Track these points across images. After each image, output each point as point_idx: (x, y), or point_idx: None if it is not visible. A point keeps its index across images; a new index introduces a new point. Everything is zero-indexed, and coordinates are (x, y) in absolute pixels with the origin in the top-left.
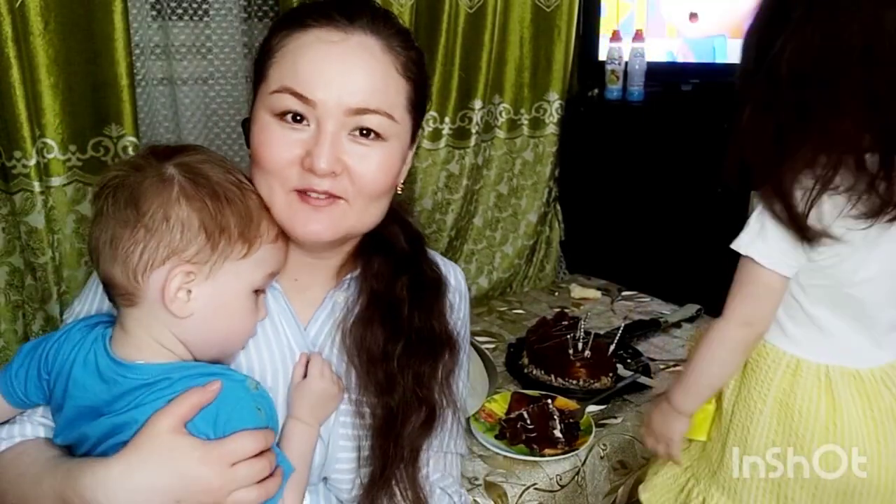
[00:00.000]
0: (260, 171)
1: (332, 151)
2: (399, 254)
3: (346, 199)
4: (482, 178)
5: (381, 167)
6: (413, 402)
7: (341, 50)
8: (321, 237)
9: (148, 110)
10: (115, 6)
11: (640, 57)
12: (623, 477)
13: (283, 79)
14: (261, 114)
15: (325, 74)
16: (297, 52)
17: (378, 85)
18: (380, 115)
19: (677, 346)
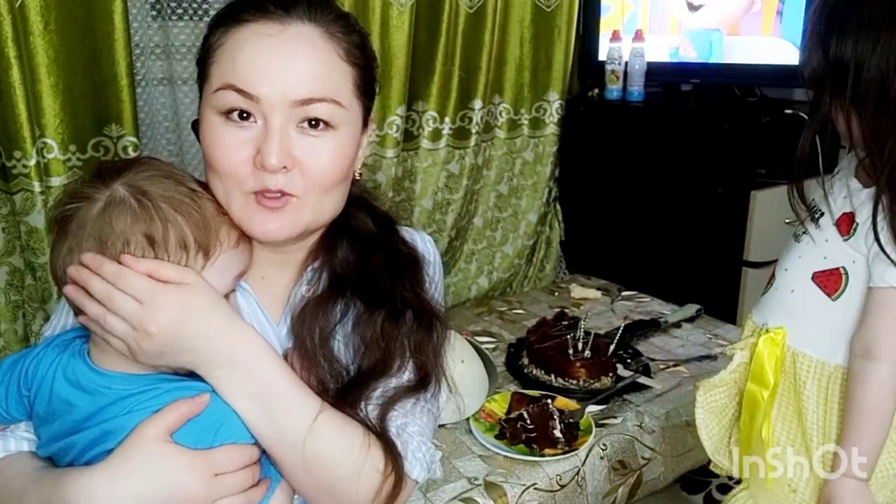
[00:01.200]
0: (214, 174)
1: (282, 146)
2: (367, 238)
3: (298, 196)
4: (482, 178)
5: (332, 158)
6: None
7: (279, 42)
8: (279, 236)
9: (148, 110)
10: (115, 6)
11: (640, 57)
12: (623, 477)
13: (224, 76)
14: (207, 114)
15: (266, 68)
16: (235, 48)
17: (321, 73)
18: (326, 102)
19: (677, 346)
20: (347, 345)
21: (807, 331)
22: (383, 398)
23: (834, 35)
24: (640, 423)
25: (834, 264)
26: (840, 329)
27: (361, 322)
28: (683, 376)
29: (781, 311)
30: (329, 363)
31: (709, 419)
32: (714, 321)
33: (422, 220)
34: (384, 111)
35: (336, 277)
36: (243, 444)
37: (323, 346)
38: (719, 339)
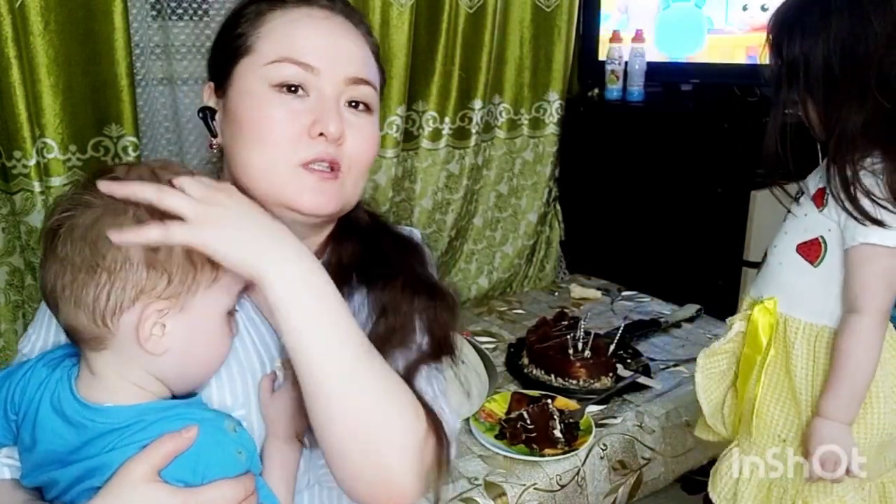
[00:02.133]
0: (256, 147)
1: (339, 115)
2: (364, 227)
3: (343, 172)
4: (482, 178)
5: (371, 139)
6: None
7: (332, 24)
8: (325, 209)
9: (148, 110)
10: (115, 6)
11: (640, 57)
12: (623, 477)
13: (280, 50)
14: (253, 87)
15: (323, 44)
16: (290, 25)
17: (366, 59)
18: (370, 86)
19: (677, 346)
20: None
21: (795, 297)
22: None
23: (784, 39)
24: (640, 423)
25: (813, 234)
26: (824, 292)
27: (375, 293)
28: (683, 376)
29: (772, 282)
30: None
31: (708, 384)
32: (714, 321)
33: (422, 220)
34: (384, 111)
35: (341, 266)
36: (237, 478)
37: None
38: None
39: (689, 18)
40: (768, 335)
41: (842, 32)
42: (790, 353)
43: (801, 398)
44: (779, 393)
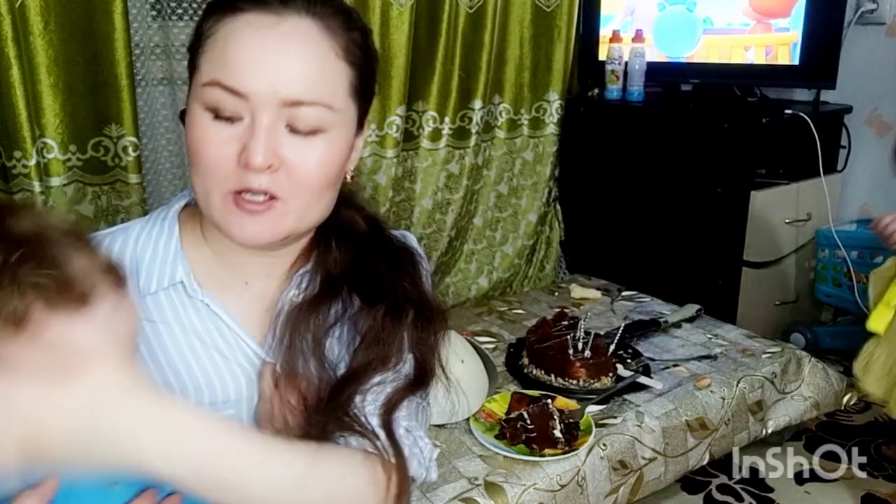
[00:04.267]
0: (196, 172)
1: (268, 144)
2: (360, 236)
3: (283, 199)
4: (482, 178)
5: (320, 161)
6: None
7: (274, 35)
8: (258, 240)
9: (148, 110)
10: (115, 6)
11: (640, 57)
12: (624, 477)
13: (212, 70)
14: (194, 107)
15: (257, 64)
16: (227, 39)
17: (314, 73)
18: (318, 106)
19: (677, 346)
20: (342, 343)
21: None
22: (384, 397)
23: None
24: (640, 423)
25: None
26: None
27: (360, 317)
28: (683, 376)
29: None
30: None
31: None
32: (714, 321)
33: (422, 220)
34: (384, 111)
35: (330, 277)
36: None
37: (315, 350)
38: (719, 339)
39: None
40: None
41: None
42: None
43: None
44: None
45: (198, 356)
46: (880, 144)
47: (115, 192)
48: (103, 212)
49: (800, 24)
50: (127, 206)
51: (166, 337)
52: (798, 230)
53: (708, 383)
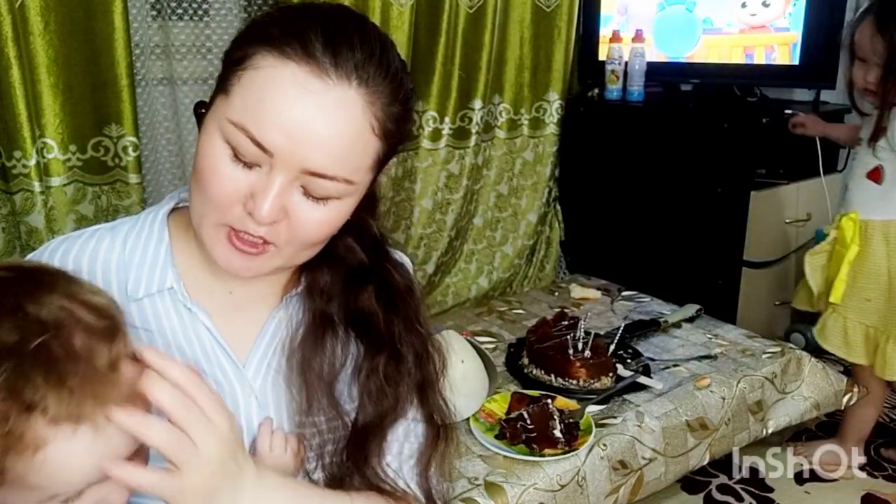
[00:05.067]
0: (197, 190)
1: (278, 201)
2: (354, 268)
3: (278, 246)
4: (482, 178)
5: (324, 223)
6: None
7: (315, 104)
8: (244, 274)
9: (148, 110)
10: (115, 6)
11: (640, 57)
12: (624, 477)
13: (243, 114)
14: (213, 130)
15: (291, 128)
16: (266, 87)
17: (345, 150)
18: (337, 181)
19: (677, 346)
20: (346, 387)
21: (870, 207)
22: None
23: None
24: (640, 423)
25: (875, 164)
26: (888, 199)
27: (363, 369)
28: (683, 376)
29: (853, 201)
30: (332, 412)
31: (814, 273)
32: (714, 321)
33: (422, 220)
34: None
35: (322, 313)
36: None
37: (329, 394)
38: (719, 339)
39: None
40: (853, 235)
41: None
42: (869, 244)
43: (879, 275)
44: (860, 271)
45: None
46: None
47: (115, 192)
48: (103, 212)
49: (800, 24)
50: (127, 206)
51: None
52: (798, 230)
53: (708, 383)
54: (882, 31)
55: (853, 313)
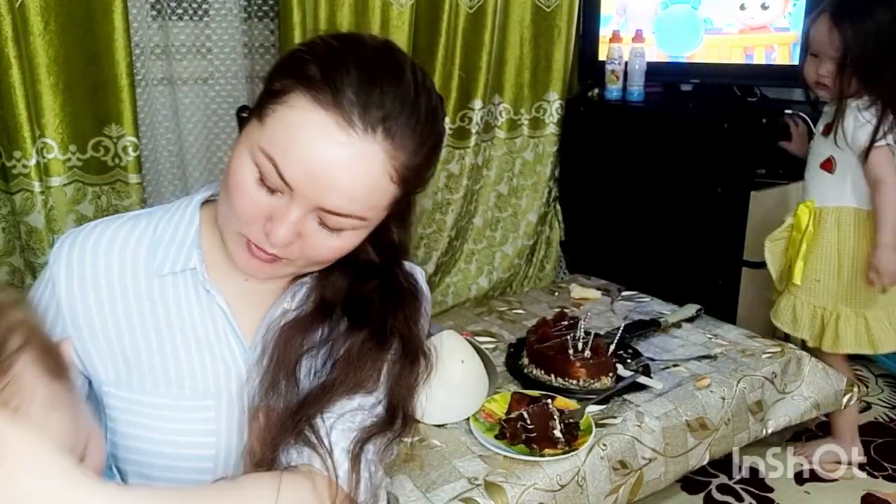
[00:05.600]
0: (225, 196)
1: (293, 228)
2: (363, 265)
3: (291, 260)
4: (482, 178)
5: (335, 249)
6: None
7: (338, 154)
8: (258, 277)
9: (148, 110)
10: (115, 6)
11: (640, 57)
12: (624, 477)
13: (273, 146)
14: (244, 151)
15: (313, 171)
16: (297, 126)
17: (362, 195)
18: (352, 219)
19: (677, 346)
20: (317, 362)
21: (825, 195)
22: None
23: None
24: (640, 423)
25: (827, 155)
26: (840, 187)
27: (342, 338)
28: (683, 376)
29: (810, 191)
30: (291, 386)
31: (773, 258)
32: (714, 321)
33: (422, 220)
34: None
35: (324, 301)
36: None
37: (289, 370)
38: (719, 339)
39: (687, 19)
40: (809, 221)
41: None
42: (822, 229)
43: (830, 256)
44: (812, 254)
45: (187, 345)
46: None
47: (115, 192)
48: (103, 212)
49: (800, 24)
50: (127, 206)
51: (163, 320)
52: None
53: (708, 383)
54: (838, 26)
55: (803, 294)
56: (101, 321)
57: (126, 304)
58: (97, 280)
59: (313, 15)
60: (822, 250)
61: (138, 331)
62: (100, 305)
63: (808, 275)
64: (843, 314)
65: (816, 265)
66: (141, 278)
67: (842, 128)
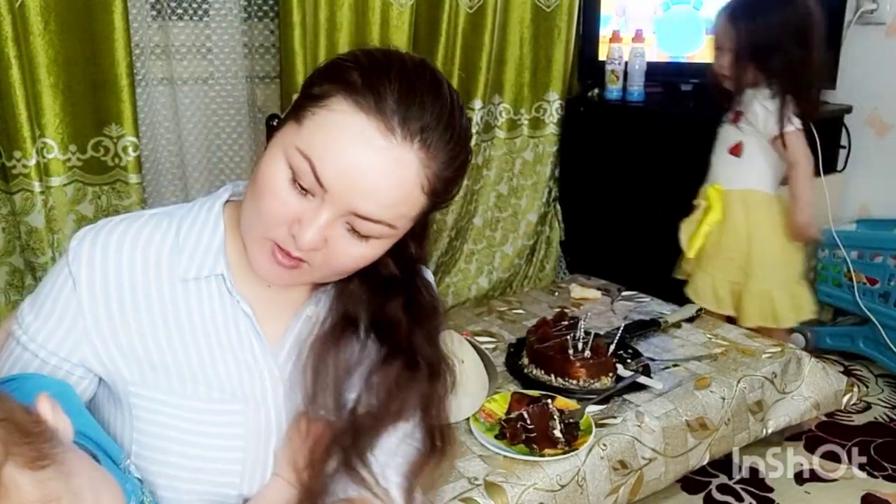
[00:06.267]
0: (253, 198)
1: (321, 233)
2: (385, 278)
3: (312, 265)
4: (482, 178)
5: (359, 258)
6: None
7: (376, 159)
8: (278, 283)
9: (148, 110)
10: (115, 6)
11: (640, 57)
12: (624, 477)
13: (310, 147)
14: (277, 152)
15: (349, 173)
16: (334, 131)
17: (394, 201)
18: (383, 225)
19: (677, 346)
20: (355, 388)
21: (731, 178)
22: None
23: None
24: (640, 423)
25: (735, 140)
26: (746, 171)
27: (377, 369)
28: (683, 376)
29: (717, 174)
30: (336, 408)
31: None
32: (714, 321)
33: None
34: None
35: (348, 312)
36: None
37: (335, 389)
38: (719, 339)
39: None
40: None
41: None
42: (731, 211)
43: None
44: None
45: (211, 349)
46: (880, 144)
47: (115, 192)
48: (103, 212)
49: None
50: (127, 206)
51: (186, 324)
52: None
53: (708, 383)
54: (734, 22)
55: (720, 272)
56: (123, 321)
57: (149, 306)
58: (120, 280)
59: (313, 15)
60: (732, 231)
61: (161, 333)
62: (122, 305)
63: (722, 254)
64: (751, 289)
65: (728, 244)
66: (164, 281)
67: (751, 116)
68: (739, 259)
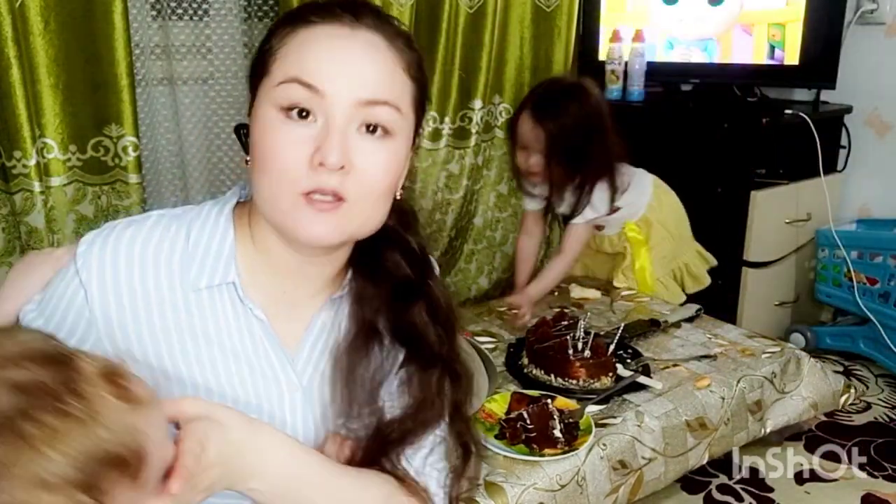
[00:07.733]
0: (265, 174)
1: (343, 145)
2: (400, 282)
3: (350, 202)
4: (482, 178)
5: (387, 164)
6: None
7: (349, 44)
8: (326, 240)
9: (148, 110)
10: (115, 6)
11: (640, 57)
12: (624, 477)
13: (289, 70)
14: (264, 109)
15: (335, 66)
16: (304, 45)
17: (386, 78)
18: (389, 106)
19: (677, 346)
20: (390, 396)
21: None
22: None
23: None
24: (640, 423)
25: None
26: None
27: (413, 377)
28: (683, 376)
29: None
30: (372, 418)
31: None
32: (714, 321)
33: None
34: None
35: (366, 320)
36: None
37: (371, 399)
38: (719, 339)
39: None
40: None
41: None
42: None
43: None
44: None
45: (225, 358)
46: (880, 144)
47: (115, 193)
48: (103, 212)
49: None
50: (127, 206)
51: (200, 333)
52: (798, 230)
53: (708, 383)
54: (540, 123)
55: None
56: (136, 330)
57: (163, 315)
58: (132, 286)
59: None
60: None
61: (175, 342)
62: (135, 313)
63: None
64: None
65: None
66: (176, 289)
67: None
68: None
